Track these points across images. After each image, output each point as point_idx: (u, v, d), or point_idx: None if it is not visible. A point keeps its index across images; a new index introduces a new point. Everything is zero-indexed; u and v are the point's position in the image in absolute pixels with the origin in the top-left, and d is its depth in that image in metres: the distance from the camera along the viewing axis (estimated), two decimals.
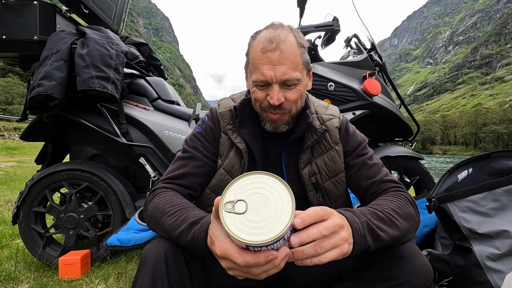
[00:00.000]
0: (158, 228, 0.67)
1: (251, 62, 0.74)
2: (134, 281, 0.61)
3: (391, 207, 0.66)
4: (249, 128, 0.82)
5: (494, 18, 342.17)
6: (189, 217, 0.62)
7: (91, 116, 1.67)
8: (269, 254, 0.46)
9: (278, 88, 0.71)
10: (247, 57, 0.78)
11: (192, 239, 0.58)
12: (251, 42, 0.75)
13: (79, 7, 1.73)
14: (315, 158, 0.83)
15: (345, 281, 0.70)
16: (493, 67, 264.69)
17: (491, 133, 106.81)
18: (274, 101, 0.71)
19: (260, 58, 0.70)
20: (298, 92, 0.74)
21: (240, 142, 0.80)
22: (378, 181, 0.78)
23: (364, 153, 0.84)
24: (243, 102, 0.84)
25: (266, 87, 0.73)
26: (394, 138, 2.30)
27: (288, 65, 0.70)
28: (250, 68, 0.75)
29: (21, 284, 1.44)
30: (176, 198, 0.71)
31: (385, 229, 0.61)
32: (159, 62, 2.32)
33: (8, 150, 14.66)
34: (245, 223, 0.45)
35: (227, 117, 0.84)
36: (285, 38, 0.70)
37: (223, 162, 0.82)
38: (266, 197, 0.46)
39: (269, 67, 0.70)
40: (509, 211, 1.03)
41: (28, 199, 1.63)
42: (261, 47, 0.70)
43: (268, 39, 0.70)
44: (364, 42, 2.21)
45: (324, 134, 0.82)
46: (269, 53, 0.69)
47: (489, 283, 0.98)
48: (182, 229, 0.60)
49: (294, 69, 0.71)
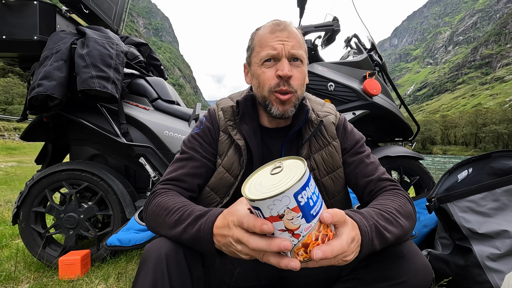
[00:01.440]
0: (160, 226, 0.67)
1: (259, 44, 0.78)
2: (134, 281, 0.61)
3: (394, 206, 0.67)
4: (249, 124, 0.83)
5: (494, 18, 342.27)
6: (195, 211, 0.63)
7: (91, 116, 1.67)
8: (264, 222, 0.46)
9: (287, 62, 0.75)
10: (249, 47, 0.82)
11: (198, 230, 0.59)
12: (255, 33, 0.81)
13: (79, 7, 1.72)
14: (313, 154, 0.84)
15: (345, 280, 0.71)
16: (493, 67, 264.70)
17: (491, 133, 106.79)
18: (286, 71, 0.73)
19: (269, 37, 0.76)
20: (302, 73, 0.78)
21: (239, 139, 0.81)
22: (375, 179, 0.79)
23: (362, 151, 0.85)
24: (245, 98, 0.85)
25: (274, 63, 0.76)
26: (394, 138, 2.30)
27: (295, 42, 0.75)
28: (257, 50, 0.78)
29: (21, 284, 1.44)
30: (178, 197, 0.72)
31: (390, 229, 0.61)
32: (159, 62, 2.32)
33: (8, 150, 14.66)
34: (258, 187, 0.47)
35: (229, 113, 0.85)
36: (290, 25, 0.78)
37: (222, 161, 0.82)
38: (287, 173, 0.48)
39: (278, 42, 0.74)
40: (509, 211, 1.03)
41: (28, 199, 1.62)
42: (269, 29, 0.76)
43: (275, 23, 0.77)
44: (364, 42, 2.21)
45: (320, 126, 0.83)
46: (278, 32, 0.75)
47: (489, 283, 0.99)
48: (189, 222, 0.61)
49: (300, 48, 0.76)
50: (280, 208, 0.44)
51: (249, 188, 0.48)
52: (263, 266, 0.81)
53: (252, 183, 0.49)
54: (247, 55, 0.84)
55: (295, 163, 0.50)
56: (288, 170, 0.49)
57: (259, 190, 0.46)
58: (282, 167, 0.50)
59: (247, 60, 0.84)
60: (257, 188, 0.47)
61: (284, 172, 0.48)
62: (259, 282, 0.77)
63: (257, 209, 0.46)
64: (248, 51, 0.82)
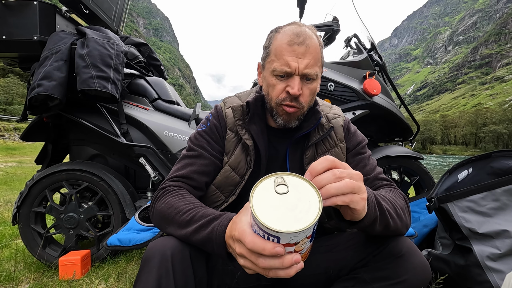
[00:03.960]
0: (169, 224, 0.67)
1: (274, 52, 0.75)
2: (136, 279, 0.60)
3: (390, 196, 0.69)
4: (258, 125, 0.83)
5: (494, 18, 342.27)
6: (208, 213, 0.63)
7: (91, 116, 1.67)
8: (276, 246, 0.45)
9: (299, 80, 0.74)
10: (266, 49, 0.79)
11: (210, 232, 0.58)
12: (274, 35, 0.77)
13: (79, 7, 1.72)
14: (319, 155, 0.84)
15: (344, 280, 0.71)
16: (493, 67, 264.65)
17: (491, 133, 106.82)
18: (295, 90, 0.73)
19: (286, 49, 0.73)
20: (313, 89, 0.78)
21: (248, 139, 0.81)
22: (372, 177, 0.81)
23: (363, 152, 0.87)
24: (256, 98, 0.85)
25: (286, 78, 0.75)
26: (394, 138, 2.30)
27: (311, 60, 0.73)
28: (272, 58, 0.76)
29: (21, 284, 1.44)
30: (189, 197, 0.71)
31: (388, 209, 0.63)
32: (159, 62, 2.33)
33: (8, 150, 14.64)
34: (270, 210, 0.45)
35: (239, 112, 0.85)
36: (310, 35, 0.74)
37: (229, 159, 0.82)
38: (298, 197, 0.47)
39: (294, 58, 0.72)
40: (509, 211, 1.03)
41: (28, 199, 1.62)
42: (288, 39, 0.73)
43: (295, 33, 0.73)
44: (364, 42, 2.21)
45: (330, 131, 0.84)
46: (296, 45, 0.72)
47: (489, 283, 0.98)
48: (202, 223, 0.61)
49: (315, 65, 0.75)
50: (300, 238, 0.45)
51: (262, 213, 0.45)
52: None
53: (261, 204, 0.46)
54: (263, 54, 0.82)
55: (302, 185, 0.48)
56: (297, 193, 0.47)
57: (277, 217, 0.44)
58: (287, 186, 0.48)
59: (262, 61, 0.83)
60: (272, 212, 0.45)
61: (295, 196, 0.47)
62: (259, 282, 0.77)
63: (275, 237, 0.45)
64: (264, 52, 0.81)
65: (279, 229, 0.43)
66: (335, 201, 0.50)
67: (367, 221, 0.57)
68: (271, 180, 0.49)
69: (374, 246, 0.69)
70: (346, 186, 0.50)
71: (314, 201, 0.46)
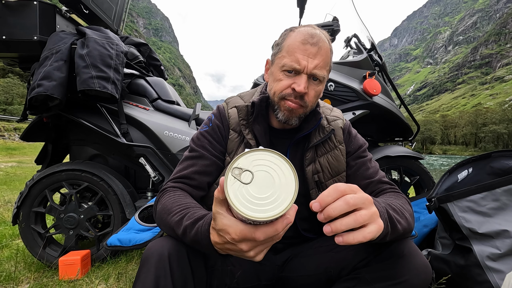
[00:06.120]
0: (164, 226, 0.68)
1: (286, 48, 0.77)
2: (136, 279, 0.61)
3: (398, 202, 0.68)
4: (261, 125, 0.84)
5: (494, 18, 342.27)
6: (193, 214, 0.63)
7: (91, 116, 1.67)
8: (286, 221, 0.46)
9: (306, 79, 0.75)
10: (278, 45, 0.81)
11: (195, 233, 0.58)
12: (288, 33, 0.79)
13: (79, 7, 1.72)
14: (319, 157, 0.85)
15: (345, 280, 0.71)
16: (493, 67, 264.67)
17: (491, 133, 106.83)
18: (301, 88, 0.74)
19: (299, 47, 0.75)
20: (318, 91, 0.79)
21: (251, 139, 0.82)
22: (376, 181, 0.81)
23: (364, 155, 0.87)
24: (261, 99, 0.85)
25: (294, 75, 0.76)
26: (394, 138, 2.30)
27: (321, 62, 0.75)
28: (283, 54, 0.77)
29: (21, 285, 1.44)
30: (183, 198, 0.71)
31: (399, 219, 0.62)
32: (159, 62, 2.33)
33: (8, 150, 14.64)
34: (248, 198, 0.44)
35: (243, 112, 0.85)
36: (324, 39, 0.77)
37: (231, 159, 0.83)
38: (270, 175, 0.45)
39: (304, 57, 0.74)
40: (509, 211, 1.03)
41: (28, 200, 1.62)
42: (302, 38, 0.75)
43: (310, 33, 0.75)
44: (364, 42, 2.20)
45: (330, 134, 0.85)
46: (309, 45, 0.74)
47: (489, 283, 0.98)
48: (186, 225, 0.61)
49: (324, 67, 0.77)
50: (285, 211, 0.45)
51: (239, 201, 0.44)
52: (263, 267, 0.81)
53: (239, 191, 0.45)
54: (274, 50, 0.83)
55: (279, 166, 0.46)
56: (275, 175, 0.46)
57: (253, 203, 0.44)
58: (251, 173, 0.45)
59: (272, 57, 0.84)
60: (247, 198, 0.44)
61: (274, 181, 0.45)
62: (259, 282, 0.77)
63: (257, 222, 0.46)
64: (275, 49, 0.82)
65: (259, 217, 0.43)
66: (353, 242, 0.48)
67: (378, 238, 0.56)
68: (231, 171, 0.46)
69: (376, 246, 0.69)
70: (357, 221, 0.48)
71: (288, 173, 0.45)
